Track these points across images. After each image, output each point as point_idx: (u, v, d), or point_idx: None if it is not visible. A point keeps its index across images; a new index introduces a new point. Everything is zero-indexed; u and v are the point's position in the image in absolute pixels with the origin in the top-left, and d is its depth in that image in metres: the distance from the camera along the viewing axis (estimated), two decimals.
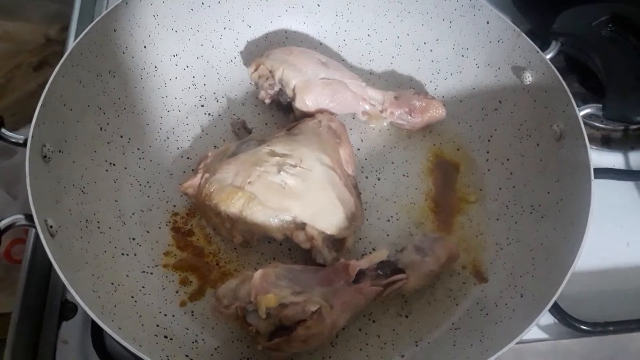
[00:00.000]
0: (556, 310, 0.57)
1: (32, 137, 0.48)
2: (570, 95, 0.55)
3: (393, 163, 0.64)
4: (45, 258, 0.58)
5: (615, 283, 0.62)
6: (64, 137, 0.54)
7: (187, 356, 0.49)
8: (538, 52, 0.58)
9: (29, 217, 0.45)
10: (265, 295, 0.46)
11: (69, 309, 0.57)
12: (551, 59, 0.58)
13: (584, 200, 0.50)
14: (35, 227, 0.44)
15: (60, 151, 0.52)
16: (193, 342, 0.51)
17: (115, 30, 0.59)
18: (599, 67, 0.56)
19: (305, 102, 0.62)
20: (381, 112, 0.65)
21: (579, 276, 0.59)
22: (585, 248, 0.48)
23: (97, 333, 0.54)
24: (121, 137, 0.61)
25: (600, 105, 0.55)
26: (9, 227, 0.44)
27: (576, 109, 0.54)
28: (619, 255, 0.64)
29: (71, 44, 0.72)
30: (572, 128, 0.54)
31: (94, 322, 0.55)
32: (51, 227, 0.47)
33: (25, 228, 0.74)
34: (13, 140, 0.48)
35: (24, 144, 0.48)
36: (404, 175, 0.63)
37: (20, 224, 0.45)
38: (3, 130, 0.48)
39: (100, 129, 0.59)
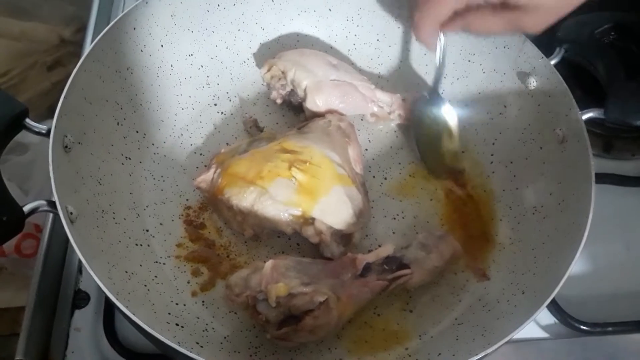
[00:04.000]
0: (557, 310, 0.59)
1: (55, 127, 0.50)
2: (574, 100, 0.57)
3: (400, 164, 0.65)
4: (59, 249, 0.61)
5: (615, 286, 0.63)
6: (83, 129, 0.55)
7: (197, 343, 0.50)
8: (543, 57, 0.60)
9: (51, 203, 0.46)
10: (275, 284, 0.48)
11: (81, 298, 0.59)
12: (555, 65, 0.60)
13: (586, 200, 0.52)
14: (56, 213, 0.46)
15: (79, 143, 0.54)
16: (203, 331, 0.53)
17: (134, 29, 0.61)
18: (601, 72, 0.57)
19: (316, 102, 0.64)
20: (389, 114, 0.66)
21: (579, 278, 0.62)
22: (587, 252, 0.50)
23: (109, 321, 0.56)
24: (137, 132, 0.62)
25: (602, 110, 0.56)
26: (32, 211, 0.46)
27: (579, 112, 0.56)
28: (619, 259, 0.65)
29: (88, 44, 0.75)
30: (575, 131, 0.56)
31: (106, 310, 0.57)
32: (71, 213, 0.48)
33: (35, 224, 0.76)
34: (37, 130, 0.50)
35: (47, 134, 0.50)
36: (410, 176, 0.64)
37: (43, 209, 0.46)
38: (27, 120, 0.50)
39: (117, 123, 0.60)
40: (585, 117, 0.56)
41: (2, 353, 0.74)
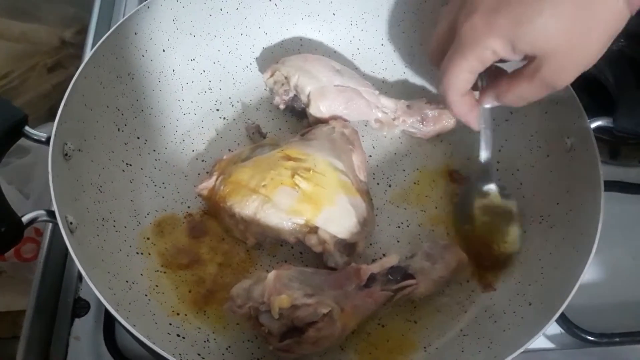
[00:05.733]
0: (563, 320, 0.58)
1: (55, 135, 0.49)
2: (582, 108, 0.56)
3: (404, 170, 0.64)
4: (59, 256, 0.60)
5: (621, 295, 0.62)
6: (84, 136, 0.55)
7: (199, 355, 0.50)
8: None
9: (51, 213, 0.46)
10: (278, 296, 0.47)
11: (81, 307, 0.58)
12: None
13: (594, 210, 0.51)
14: (56, 223, 0.45)
15: (79, 150, 0.53)
16: (205, 342, 0.52)
17: (136, 34, 0.60)
18: (611, 80, 0.56)
19: (320, 108, 0.63)
20: (393, 120, 0.65)
21: (585, 288, 0.60)
22: (593, 260, 0.49)
23: (109, 330, 0.56)
24: (138, 138, 0.62)
25: (611, 118, 0.55)
26: (31, 222, 0.45)
27: (587, 121, 0.55)
28: (626, 267, 0.64)
29: (89, 47, 0.74)
30: (583, 140, 0.55)
31: (106, 319, 0.56)
32: (71, 223, 0.47)
33: (36, 228, 0.76)
34: (36, 137, 0.49)
35: (47, 142, 0.49)
36: (414, 183, 0.64)
37: (43, 220, 0.46)
38: (27, 128, 0.49)
39: (118, 129, 0.60)
40: (593, 125, 0.55)
41: (4, 355, 0.73)
